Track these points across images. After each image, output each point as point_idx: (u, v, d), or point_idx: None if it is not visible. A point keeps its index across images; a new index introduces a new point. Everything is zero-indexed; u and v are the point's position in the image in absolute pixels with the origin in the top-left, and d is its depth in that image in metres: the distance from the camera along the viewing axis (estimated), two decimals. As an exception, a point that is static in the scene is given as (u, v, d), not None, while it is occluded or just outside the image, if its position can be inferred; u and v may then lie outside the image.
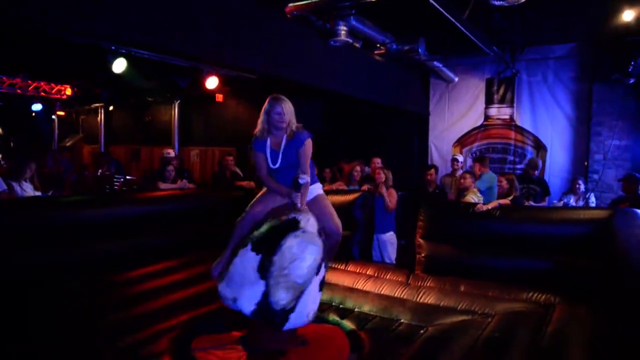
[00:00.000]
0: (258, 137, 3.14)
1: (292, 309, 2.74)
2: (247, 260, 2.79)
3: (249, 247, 2.81)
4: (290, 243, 2.68)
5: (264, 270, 2.68)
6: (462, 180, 5.34)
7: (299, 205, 3.02)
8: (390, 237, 5.45)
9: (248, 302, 2.73)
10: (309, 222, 2.84)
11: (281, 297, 2.68)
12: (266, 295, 2.68)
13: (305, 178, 3.10)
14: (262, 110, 3.11)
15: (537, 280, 3.90)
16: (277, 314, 2.71)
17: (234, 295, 2.79)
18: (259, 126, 3.13)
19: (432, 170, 6.42)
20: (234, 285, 2.81)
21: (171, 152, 6.75)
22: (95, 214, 4.40)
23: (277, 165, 3.13)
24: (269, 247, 2.72)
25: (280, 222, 2.85)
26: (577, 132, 7.53)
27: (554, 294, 3.66)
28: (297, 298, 2.73)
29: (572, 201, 6.15)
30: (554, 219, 4.32)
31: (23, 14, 3.37)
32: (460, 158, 6.82)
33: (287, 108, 3.07)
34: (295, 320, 2.81)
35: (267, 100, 3.11)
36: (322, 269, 2.95)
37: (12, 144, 14.76)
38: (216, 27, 4.56)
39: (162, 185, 5.59)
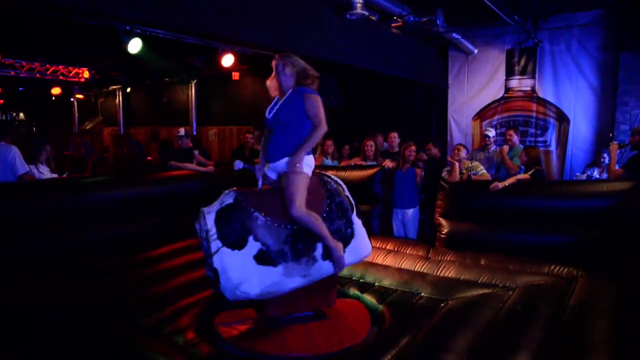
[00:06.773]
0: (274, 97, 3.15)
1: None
2: None
3: None
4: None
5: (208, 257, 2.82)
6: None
7: (259, 184, 3.12)
8: (415, 213, 5.38)
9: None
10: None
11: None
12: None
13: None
14: None
15: (560, 255, 3.85)
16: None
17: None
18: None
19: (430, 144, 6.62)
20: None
21: (181, 130, 6.77)
22: (117, 194, 4.48)
23: (269, 116, 3.05)
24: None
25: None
26: (601, 102, 7.28)
27: (577, 267, 3.61)
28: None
29: (596, 174, 5.98)
30: (576, 192, 4.24)
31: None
32: (491, 133, 6.38)
33: (281, 65, 3.01)
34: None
35: None
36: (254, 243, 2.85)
37: (34, 129, 15.04)
38: (230, 4, 4.51)
39: (190, 166, 5.68)
